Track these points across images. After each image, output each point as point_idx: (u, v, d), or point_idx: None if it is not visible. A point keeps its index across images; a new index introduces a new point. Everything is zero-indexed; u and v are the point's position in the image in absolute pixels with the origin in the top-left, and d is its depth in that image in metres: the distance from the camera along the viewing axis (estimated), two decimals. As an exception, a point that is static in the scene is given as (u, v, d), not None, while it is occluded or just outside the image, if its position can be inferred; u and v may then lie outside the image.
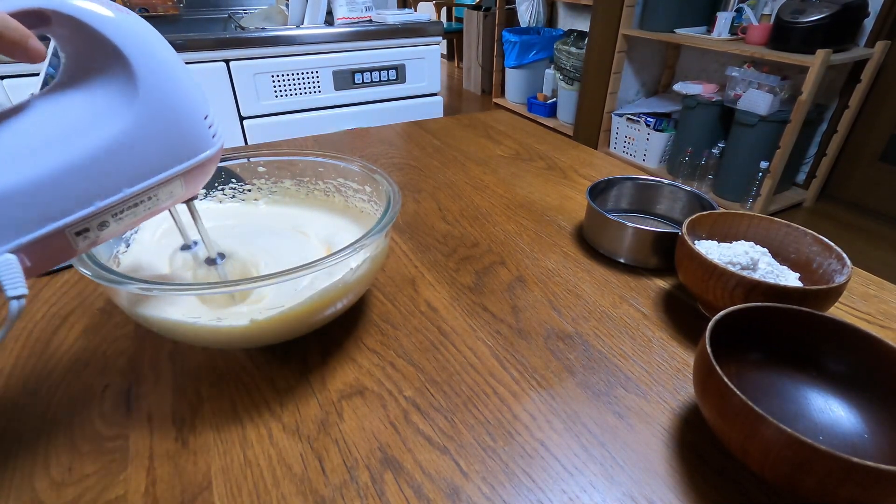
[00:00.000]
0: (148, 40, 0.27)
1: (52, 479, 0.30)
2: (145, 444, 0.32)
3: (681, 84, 2.19)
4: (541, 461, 0.31)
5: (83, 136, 0.25)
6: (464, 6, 3.82)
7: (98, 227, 0.27)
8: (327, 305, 0.36)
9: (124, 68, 0.26)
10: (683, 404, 0.36)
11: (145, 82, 0.26)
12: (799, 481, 0.25)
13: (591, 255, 0.53)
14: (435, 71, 1.64)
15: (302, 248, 0.44)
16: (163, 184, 0.29)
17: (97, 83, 0.26)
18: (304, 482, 0.30)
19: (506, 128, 0.93)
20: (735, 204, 2.04)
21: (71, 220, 0.26)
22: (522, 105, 3.27)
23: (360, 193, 0.48)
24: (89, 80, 0.26)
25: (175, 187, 0.30)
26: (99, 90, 0.26)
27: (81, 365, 0.38)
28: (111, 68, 0.26)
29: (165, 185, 0.29)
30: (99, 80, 0.26)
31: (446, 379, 0.37)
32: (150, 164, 0.28)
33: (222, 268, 0.37)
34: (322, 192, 0.51)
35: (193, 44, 1.28)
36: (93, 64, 0.26)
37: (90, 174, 0.26)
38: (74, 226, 0.26)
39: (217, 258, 0.37)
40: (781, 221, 0.46)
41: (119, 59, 0.26)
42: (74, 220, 0.26)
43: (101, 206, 0.26)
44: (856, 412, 0.32)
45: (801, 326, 0.34)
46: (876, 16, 1.79)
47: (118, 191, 0.27)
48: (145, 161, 0.28)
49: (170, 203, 0.31)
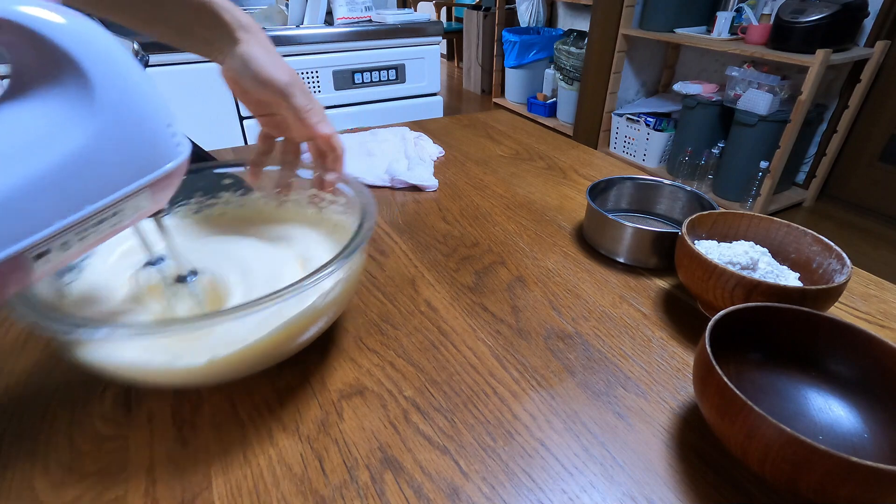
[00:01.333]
0: (103, 46, 0.25)
1: (52, 479, 0.30)
2: (145, 444, 0.32)
3: (681, 84, 2.19)
4: (541, 461, 0.31)
5: (39, 151, 0.24)
6: (464, 6, 3.82)
7: (60, 248, 0.25)
8: (296, 335, 0.34)
9: (78, 77, 0.24)
10: (683, 404, 0.36)
11: (103, 91, 0.25)
12: (799, 481, 0.25)
13: (590, 255, 0.53)
14: (435, 71, 1.64)
15: (274, 263, 0.41)
16: (128, 198, 0.27)
17: (50, 94, 0.24)
18: (303, 482, 0.30)
19: (506, 128, 0.93)
20: (735, 204, 2.04)
21: (30, 242, 0.23)
22: (522, 105, 3.27)
23: (334, 205, 0.45)
24: (41, 91, 0.24)
25: (141, 201, 0.28)
26: (52, 101, 0.24)
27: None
28: (64, 77, 0.24)
29: (131, 199, 0.27)
30: (52, 90, 0.24)
31: (446, 379, 0.37)
32: (113, 177, 0.26)
33: (194, 286, 0.35)
34: (293, 204, 0.48)
35: (193, 44, 1.28)
36: (44, 73, 0.24)
37: (49, 191, 0.24)
38: (34, 248, 0.24)
39: (188, 275, 0.35)
40: (781, 221, 0.46)
41: (72, 68, 0.24)
42: (34, 242, 0.24)
43: (62, 225, 0.24)
44: (856, 412, 0.32)
45: (801, 326, 0.34)
46: (876, 16, 1.79)
47: (80, 208, 0.25)
48: (108, 174, 0.26)
49: (136, 218, 0.29)
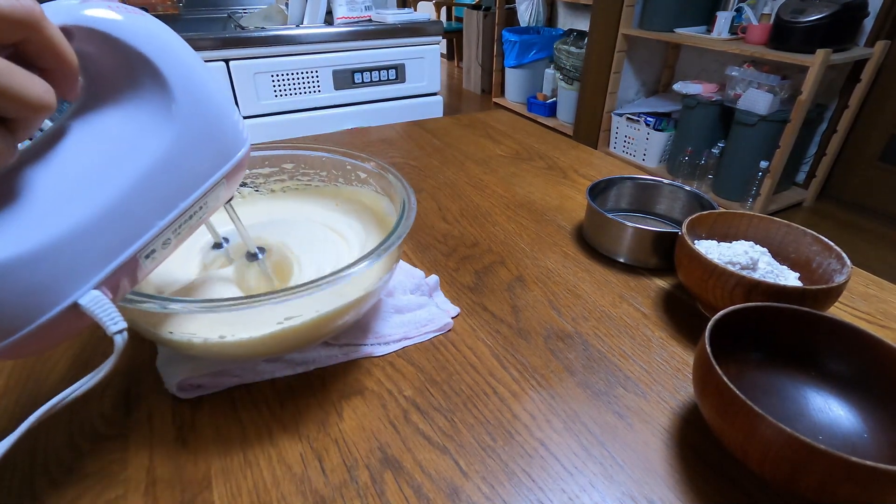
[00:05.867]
0: (173, 45, 0.25)
1: (52, 479, 0.30)
2: (145, 444, 0.32)
3: (681, 84, 2.19)
4: (540, 461, 0.31)
5: (132, 158, 0.24)
6: (464, 6, 3.82)
7: (163, 246, 0.27)
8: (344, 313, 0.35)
9: (157, 79, 0.25)
10: (683, 404, 0.36)
11: (180, 91, 0.25)
12: (798, 481, 0.25)
13: (590, 254, 0.53)
14: (435, 70, 1.64)
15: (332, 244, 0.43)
16: (210, 190, 0.28)
17: (132, 99, 0.25)
18: (303, 482, 0.30)
19: (506, 127, 0.93)
20: (735, 203, 2.04)
21: (139, 246, 0.25)
22: (522, 105, 3.27)
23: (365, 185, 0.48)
24: (121, 97, 0.25)
25: (220, 191, 0.29)
26: (133, 106, 0.25)
27: (81, 365, 0.38)
28: (143, 80, 0.25)
29: (212, 191, 0.28)
30: (132, 94, 0.25)
31: (446, 378, 0.37)
32: (197, 173, 0.27)
33: (264, 262, 0.37)
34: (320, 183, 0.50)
35: (193, 43, 1.27)
36: (121, 78, 0.25)
37: (147, 196, 0.25)
38: (143, 250, 0.25)
39: (258, 252, 0.37)
40: (781, 221, 0.46)
41: (150, 70, 0.24)
42: (142, 245, 0.25)
43: (163, 225, 0.26)
44: (856, 412, 0.32)
45: (801, 326, 0.34)
46: (876, 16, 1.79)
47: (175, 206, 0.26)
48: (193, 171, 0.27)
49: (216, 208, 0.30)
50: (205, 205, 0.28)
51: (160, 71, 0.24)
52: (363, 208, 0.48)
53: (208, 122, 0.27)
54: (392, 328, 0.41)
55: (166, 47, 0.25)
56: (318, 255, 0.41)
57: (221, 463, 0.31)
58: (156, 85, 0.25)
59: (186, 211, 0.27)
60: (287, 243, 0.41)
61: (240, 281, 0.38)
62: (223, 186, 0.29)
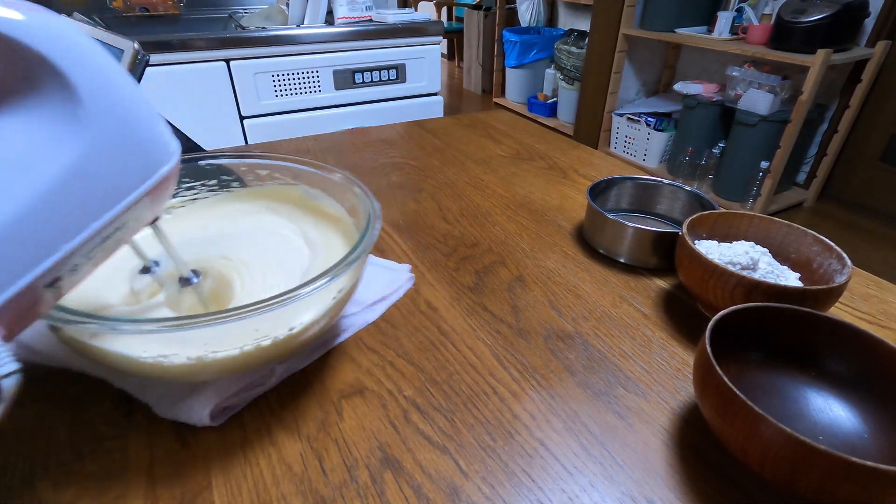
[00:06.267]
0: (82, 46, 0.22)
1: (52, 479, 0.30)
2: (145, 444, 0.32)
3: (681, 84, 2.19)
4: (540, 461, 0.31)
5: (32, 173, 0.21)
6: (464, 6, 3.82)
7: (70, 273, 0.23)
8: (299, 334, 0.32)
9: (61, 84, 0.22)
10: (683, 404, 0.36)
11: (89, 98, 0.22)
12: (798, 481, 0.25)
13: (590, 254, 0.53)
14: (435, 70, 1.64)
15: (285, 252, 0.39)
16: (130, 208, 0.25)
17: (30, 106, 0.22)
18: (303, 482, 0.30)
19: (506, 127, 0.93)
20: (735, 204, 2.04)
21: (39, 273, 0.21)
22: (523, 105, 3.27)
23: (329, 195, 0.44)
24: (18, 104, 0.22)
25: (142, 210, 0.26)
26: (35, 115, 0.22)
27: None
28: (45, 86, 0.22)
29: (133, 210, 0.25)
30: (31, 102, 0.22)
31: (446, 378, 0.37)
32: (112, 189, 0.24)
33: (200, 287, 0.33)
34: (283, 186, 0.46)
35: (194, 43, 1.29)
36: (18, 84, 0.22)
37: (51, 214, 0.21)
38: (45, 276, 0.22)
39: (191, 277, 0.33)
40: (782, 221, 0.46)
41: (53, 74, 0.21)
42: (44, 271, 0.22)
43: (70, 248, 0.22)
44: (856, 412, 0.32)
45: (801, 326, 0.34)
46: (876, 16, 1.79)
47: (85, 227, 0.23)
48: (107, 187, 0.23)
49: (138, 228, 0.27)
50: (123, 224, 0.25)
51: (63, 73, 0.22)
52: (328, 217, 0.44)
53: (126, 131, 0.24)
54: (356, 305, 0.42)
55: (73, 48, 0.22)
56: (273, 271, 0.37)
57: (221, 463, 0.31)
58: (60, 89, 0.22)
59: (100, 232, 0.24)
60: (233, 260, 0.37)
61: (174, 308, 0.34)
62: (146, 204, 0.26)
